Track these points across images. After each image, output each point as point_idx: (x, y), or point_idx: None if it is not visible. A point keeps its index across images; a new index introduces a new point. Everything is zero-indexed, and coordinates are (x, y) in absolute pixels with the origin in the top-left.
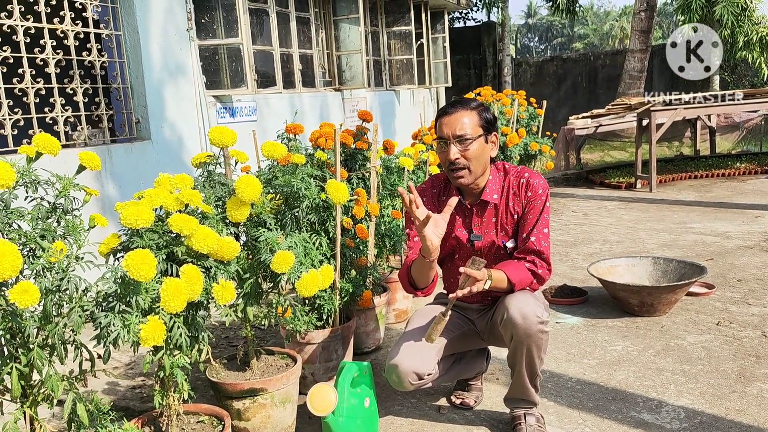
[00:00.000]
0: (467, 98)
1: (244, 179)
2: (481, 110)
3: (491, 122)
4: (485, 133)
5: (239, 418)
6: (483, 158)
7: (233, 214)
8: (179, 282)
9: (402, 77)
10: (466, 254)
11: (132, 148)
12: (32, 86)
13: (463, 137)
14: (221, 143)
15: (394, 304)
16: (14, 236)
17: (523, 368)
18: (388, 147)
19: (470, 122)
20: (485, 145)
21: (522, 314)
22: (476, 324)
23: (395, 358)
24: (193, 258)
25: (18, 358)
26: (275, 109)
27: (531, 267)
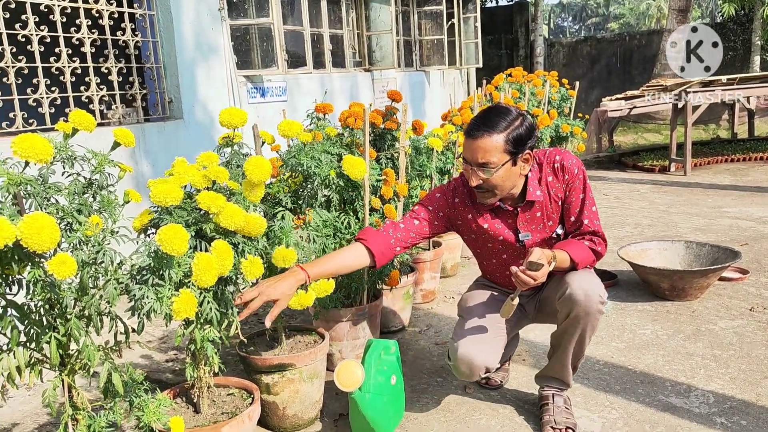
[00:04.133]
0: (497, 112)
1: (253, 160)
2: (510, 130)
3: (522, 140)
4: (512, 156)
5: (268, 392)
6: (510, 181)
7: (249, 195)
8: (211, 257)
9: (432, 58)
10: (516, 253)
11: (165, 127)
12: (68, 65)
13: (485, 166)
14: (231, 124)
15: (422, 284)
16: (52, 210)
17: (570, 347)
18: (417, 127)
19: (494, 149)
20: (513, 168)
21: (585, 292)
22: (525, 307)
23: (467, 352)
24: (221, 235)
25: (56, 328)
26: (305, 89)
27: (591, 245)
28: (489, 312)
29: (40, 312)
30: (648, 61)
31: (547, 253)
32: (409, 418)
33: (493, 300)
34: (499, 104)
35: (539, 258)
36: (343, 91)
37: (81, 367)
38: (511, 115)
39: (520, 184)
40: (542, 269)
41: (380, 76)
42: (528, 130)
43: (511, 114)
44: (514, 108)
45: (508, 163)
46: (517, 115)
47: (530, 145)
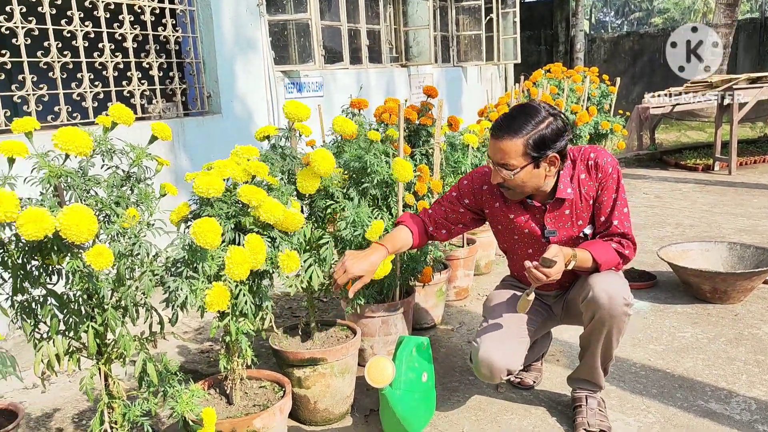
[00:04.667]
0: (523, 113)
1: (321, 152)
2: (533, 133)
3: (546, 143)
4: (534, 160)
5: (299, 386)
6: (533, 182)
7: (304, 185)
8: (244, 250)
9: (470, 53)
10: (541, 248)
11: (203, 122)
12: (111, 60)
13: (506, 166)
14: (296, 117)
15: (455, 281)
16: (91, 202)
17: (598, 349)
18: (453, 123)
19: (514, 152)
20: (535, 171)
21: (608, 294)
22: (553, 308)
23: (488, 353)
24: (259, 228)
25: (94, 318)
26: (342, 84)
27: (618, 248)
28: (512, 312)
29: (78, 302)
30: None
31: (566, 251)
32: (440, 415)
33: (516, 300)
34: (529, 103)
35: (554, 255)
36: (379, 86)
37: (117, 357)
38: (538, 117)
39: (551, 182)
40: (556, 267)
41: (417, 72)
42: (555, 132)
43: (538, 115)
44: (545, 107)
45: (529, 165)
46: (544, 117)
47: (557, 148)
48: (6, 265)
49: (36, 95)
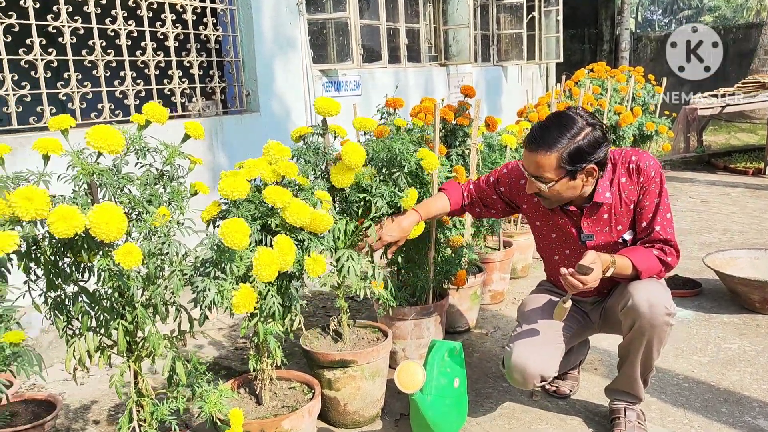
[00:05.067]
0: (558, 124)
1: (351, 145)
2: (568, 146)
3: (582, 155)
4: (570, 173)
5: (329, 388)
6: (568, 193)
7: (338, 180)
8: (272, 252)
9: (510, 52)
10: (578, 251)
11: (242, 120)
12: (153, 59)
13: (540, 179)
14: (327, 112)
15: (490, 285)
16: (124, 200)
17: (637, 360)
18: (490, 123)
19: (549, 165)
20: (571, 182)
21: (649, 303)
22: (590, 315)
23: (521, 359)
24: (286, 230)
25: (124, 316)
26: (380, 83)
27: (660, 255)
28: (547, 317)
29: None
30: (745, 57)
31: (604, 258)
32: (472, 422)
33: (551, 305)
34: (566, 112)
35: (591, 262)
36: (417, 85)
37: (147, 355)
38: (574, 128)
39: (588, 189)
40: (592, 274)
41: (456, 71)
42: (592, 143)
43: (574, 126)
44: (584, 116)
45: (565, 178)
46: (581, 127)
47: (595, 159)
48: (38, 261)
49: (80, 93)
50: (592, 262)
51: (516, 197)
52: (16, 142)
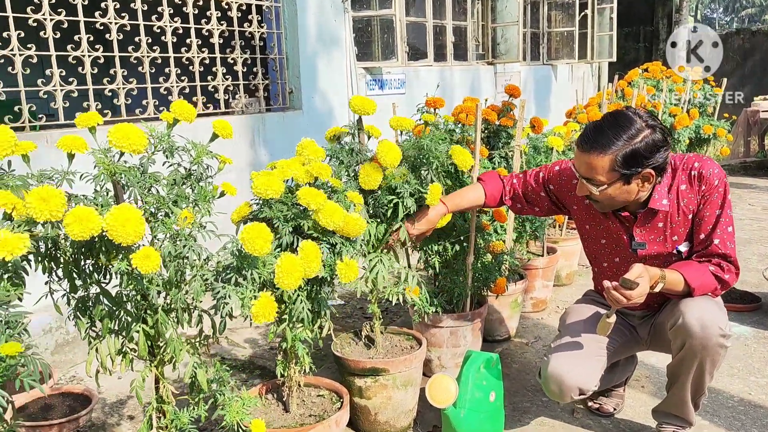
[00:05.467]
0: (614, 124)
1: (386, 143)
2: (623, 148)
3: (638, 158)
4: (625, 177)
5: (360, 396)
6: (622, 198)
7: (366, 181)
8: (295, 259)
9: (561, 51)
10: (629, 260)
11: (284, 117)
12: (197, 55)
13: (591, 181)
14: (362, 110)
15: (532, 292)
16: (150, 200)
17: (688, 382)
18: (536, 125)
19: (601, 168)
20: (625, 187)
21: (701, 323)
22: (638, 330)
23: (559, 369)
24: (318, 233)
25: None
26: (424, 82)
27: (716, 271)
28: (590, 330)
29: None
30: None
31: (653, 272)
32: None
33: (596, 318)
34: (623, 112)
35: (638, 276)
36: (463, 84)
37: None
38: (631, 129)
39: (644, 195)
40: (638, 289)
41: (503, 70)
42: (650, 146)
43: (631, 127)
44: (643, 117)
45: (619, 182)
46: (639, 129)
47: (653, 163)
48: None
49: (126, 89)
50: (638, 276)
51: (565, 197)
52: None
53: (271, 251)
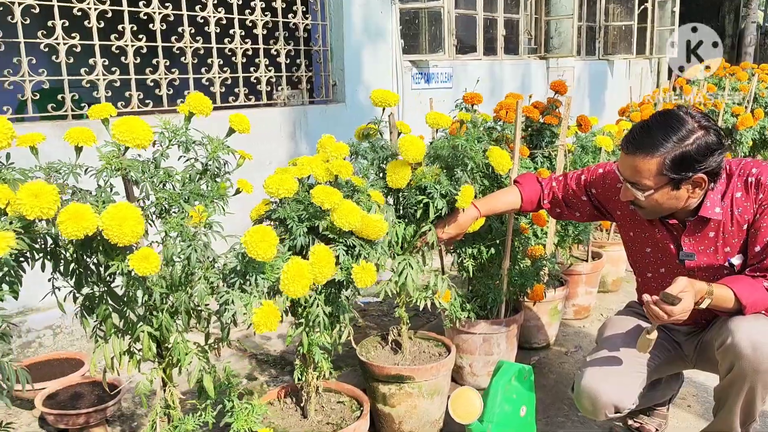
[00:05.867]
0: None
1: (408, 138)
2: (672, 151)
3: (689, 161)
4: (673, 182)
5: (384, 403)
6: (669, 204)
7: (393, 179)
8: (303, 264)
9: (618, 45)
10: (675, 271)
11: (327, 110)
12: (240, 46)
13: (636, 185)
14: (384, 102)
15: (574, 299)
16: (161, 197)
17: (736, 407)
18: (583, 123)
19: (647, 171)
20: (674, 193)
21: (753, 344)
22: (683, 347)
23: (593, 384)
24: (335, 234)
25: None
26: (473, 76)
27: None
28: (630, 344)
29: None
30: None
31: (699, 287)
32: None
33: (637, 332)
34: (674, 111)
35: (681, 290)
36: (513, 79)
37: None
38: (682, 130)
39: (695, 201)
40: (681, 305)
41: (556, 65)
42: (703, 149)
43: (682, 128)
44: (696, 117)
45: (666, 187)
46: (691, 130)
47: (705, 168)
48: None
49: (168, 79)
50: (681, 291)
51: (609, 202)
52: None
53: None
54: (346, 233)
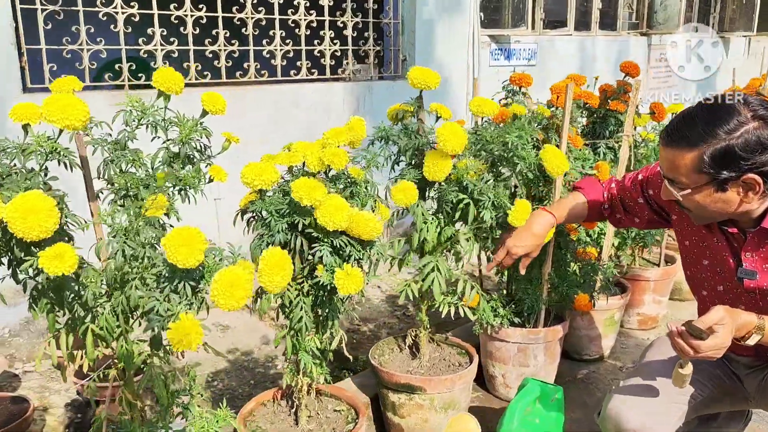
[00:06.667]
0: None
1: (449, 126)
2: (714, 145)
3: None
4: (717, 181)
5: (393, 412)
6: (716, 208)
7: (431, 170)
8: (238, 274)
9: (737, 21)
10: (733, 290)
11: (393, 86)
12: (305, 18)
13: (673, 182)
14: (424, 83)
15: (639, 307)
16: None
17: None
18: (657, 111)
19: (683, 166)
20: (719, 195)
21: None
22: (744, 382)
23: (619, 410)
24: (320, 232)
25: (95, 319)
26: (561, 53)
27: None
28: (670, 372)
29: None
30: None
31: (744, 321)
32: None
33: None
34: (725, 98)
35: (717, 322)
36: (607, 57)
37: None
38: (731, 122)
39: (754, 207)
40: (713, 341)
41: (659, 42)
42: (750, 144)
43: (731, 119)
44: (750, 105)
45: (708, 187)
46: (740, 122)
47: (756, 166)
48: None
49: (227, 51)
50: (717, 322)
51: (666, 204)
52: None
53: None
54: (336, 232)
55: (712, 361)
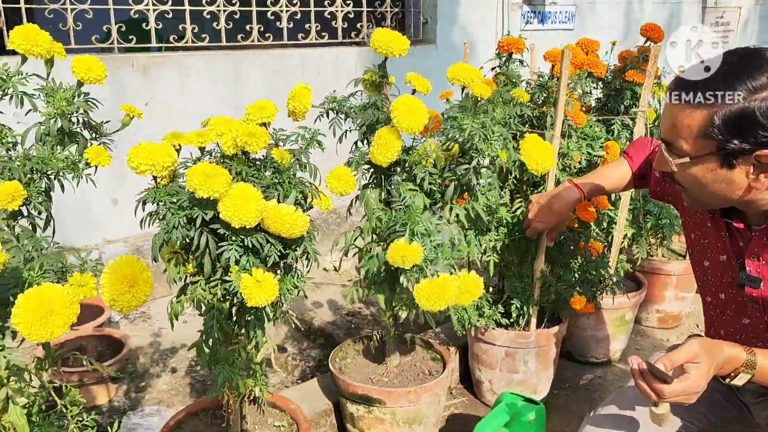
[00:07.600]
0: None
1: (405, 100)
2: (730, 106)
3: (751, 125)
4: (723, 153)
5: (352, 424)
6: (717, 189)
7: (378, 152)
8: (54, 290)
9: None
10: (735, 299)
11: (413, 52)
12: None
13: (671, 146)
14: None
15: (660, 303)
16: None
17: None
18: None
19: (689, 130)
20: (723, 172)
21: None
22: (752, 411)
23: None
24: (227, 229)
25: None
26: (602, 16)
27: None
28: None
29: None
30: None
31: (729, 356)
32: None
33: None
34: (761, 50)
35: (690, 359)
36: (655, 21)
37: None
38: (758, 78)
39: (766, 196)
40: (684, 384)
41: (715, 3)
42: None
43: (758, 75)
44: None
45: (711, 160)
46: None
47: None
48: None
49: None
50: (689, 361)
51: (671, 190)
52: None
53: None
54: (249, 228)
55: (711, 383)
